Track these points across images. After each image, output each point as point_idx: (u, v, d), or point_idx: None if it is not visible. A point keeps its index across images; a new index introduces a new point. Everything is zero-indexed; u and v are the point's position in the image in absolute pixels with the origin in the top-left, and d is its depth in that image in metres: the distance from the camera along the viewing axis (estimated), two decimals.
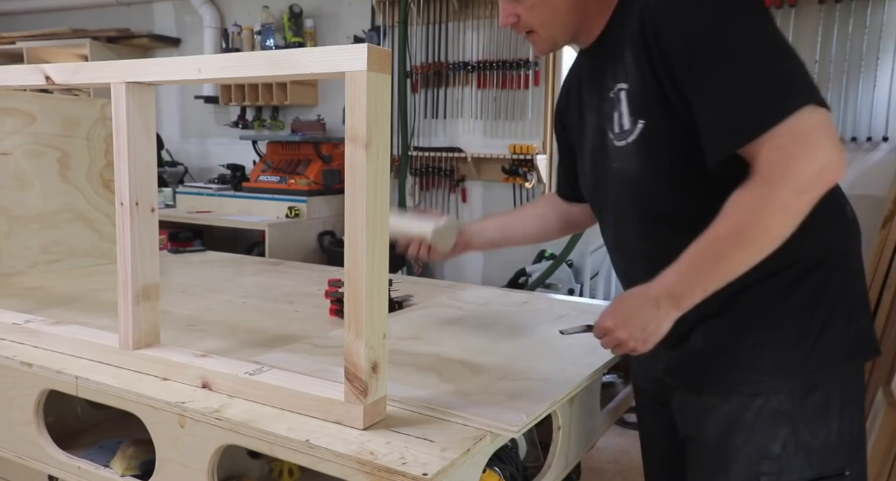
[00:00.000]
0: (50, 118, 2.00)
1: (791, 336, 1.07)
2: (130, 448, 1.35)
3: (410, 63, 4.09)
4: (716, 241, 0.98)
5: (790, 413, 1.07)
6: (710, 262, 0.98)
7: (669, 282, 1.02)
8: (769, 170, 0.94)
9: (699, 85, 0.99)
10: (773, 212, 0.94)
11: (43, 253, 2.02)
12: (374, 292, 0.94)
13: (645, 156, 1.09)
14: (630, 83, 1.08)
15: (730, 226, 0.97)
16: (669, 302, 1.01)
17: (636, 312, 1.04)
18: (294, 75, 0.98)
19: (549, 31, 1.16)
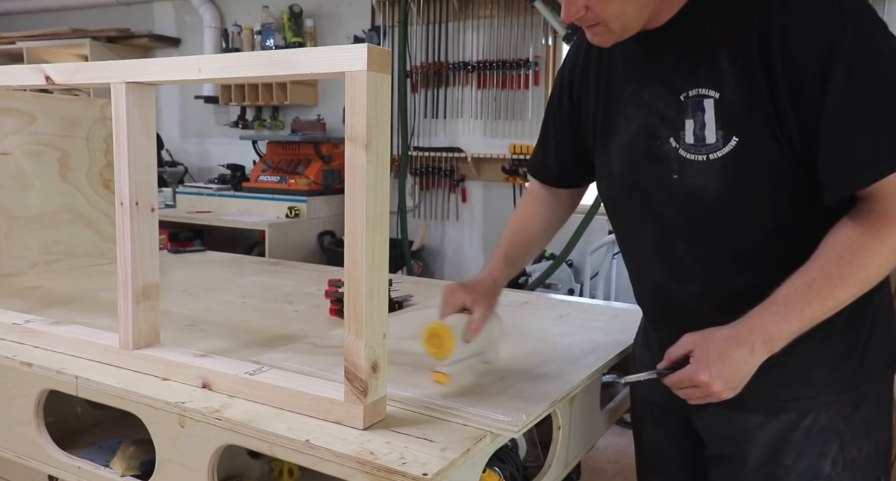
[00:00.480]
0: (50, 118, 2.00)
1: (840, 351, 1.03)
2: (130, 448, 1.35)
3: (410, 63, 4.09)
4: (824, 281, 0.90)
5: (840, 429, 1.03)
6: (814, 303, 0.90)
7: (766, 323, 0.92)
8: (894, 209, 0.88)
9: (832, 107, 0.88)
10: (891, 251, 0.89)
11: (43, 253, 2.02)
12: (374, 292, 0.94)
13: (733, 176, 0.97)
14: (724, 92, 0.95)
15: (842, 265, 0.89)
16: (765, 346, 0.92)
17: (730, 360, 0.92)
18: (294, 75, 0.98)
19: (622, 22, 0.98)
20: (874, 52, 0.88)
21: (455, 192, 4.21)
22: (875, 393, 1.06)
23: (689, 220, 1.04)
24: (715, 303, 1.06)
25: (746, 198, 0.98)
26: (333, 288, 1.62)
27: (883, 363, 1.07)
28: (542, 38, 3.84)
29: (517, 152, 3.89)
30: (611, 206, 1.20)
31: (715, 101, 0.96)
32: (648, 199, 1.08)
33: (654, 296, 1.19)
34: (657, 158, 1.04)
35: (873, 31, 0.89)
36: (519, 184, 3.95)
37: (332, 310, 1.61)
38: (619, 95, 1.11)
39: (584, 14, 0.98)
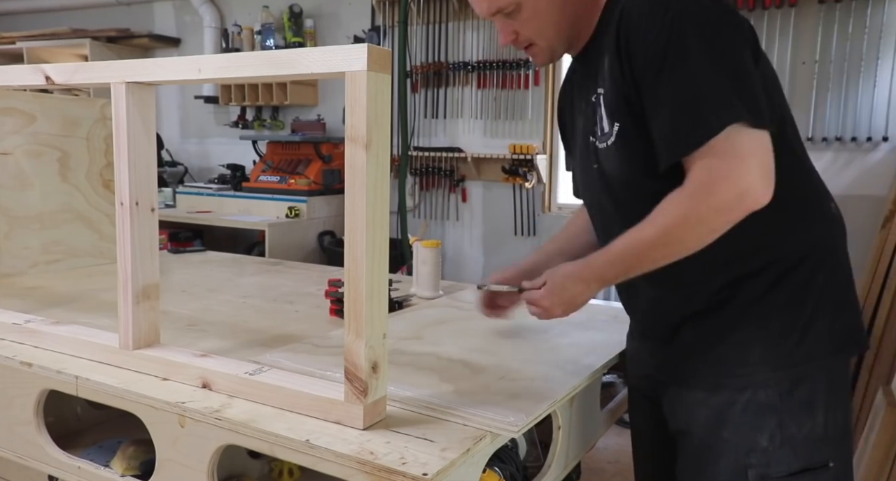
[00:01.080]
0: (50, 118, 2.00)
1: (777, 331, 1.10)
2: (130, 448, 1.35)
3: (410, 63, 4.09)
4: (640, 242, 1.06)
5: (777, 406, 1.09)
6: (632, 257, 1.08)
7: (600, 265, 1.12)
8: (695, 187, 1.01)
9: (650, 94, 1.05)
10: (691, 225, 1.02)
11: (43, 253, 2.02)
12: (374, 292, 0.94)
13: (621, 157, 1.14)
14: (605, 88, 1.13)
15: (653, 231, 1.05)
16: (598, 283, 1.14)
17: (569, 291, 1.15)
18: (294, 75, 0.98)
19: (546, 41, 1.20)
20: (682, 44, 1.02)
21: (455, 192, 4.21)
22: (819, 373, 1.11)
23: (610, 202, 1.22)
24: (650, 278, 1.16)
25: (638, 173, 1.13)
26: (333, 288, 1.62)
27: (830, 345, 1.11)
28: None
29: (517, 152, 3.89)
30: (587, 209, 1.36)
31: (603, 96, 1.15)
32: (592, 193, 1.28)
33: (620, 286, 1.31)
34: (589, 154, 1.22)
35: (688, 25, 1.02)
36: (519, 184, 3.95)
37: (332, 310, 1.61)
38: (575, 111, 1.30)
39: (517, 37, 1.21)
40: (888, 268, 2.91)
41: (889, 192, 3.03)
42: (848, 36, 3.07)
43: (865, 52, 3.05)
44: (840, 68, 3.10)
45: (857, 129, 3.09)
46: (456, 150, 4.11)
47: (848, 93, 3.10)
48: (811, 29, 3.14)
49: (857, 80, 3.08)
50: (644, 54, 1.04)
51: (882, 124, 3.06)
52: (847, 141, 3.11)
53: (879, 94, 3.05)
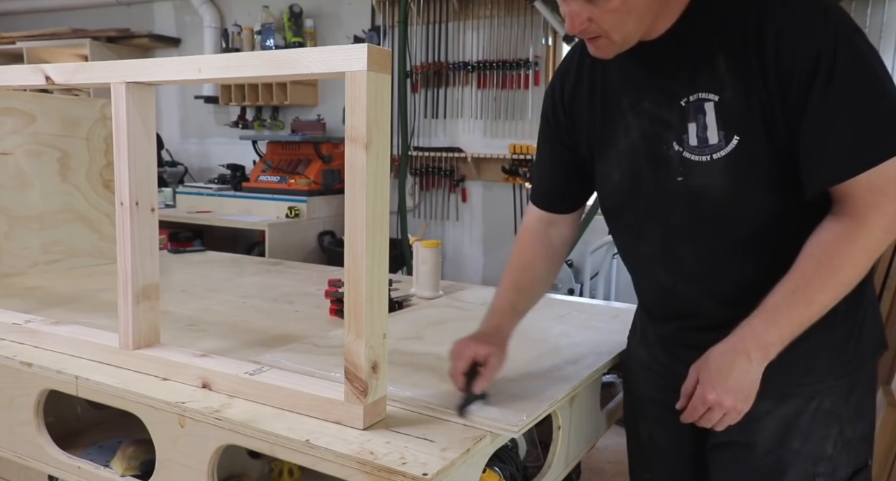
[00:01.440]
0: (50, 118, 2.00)
1: (841, 338, 1.08)
2: (130, 448, 1.35)
3: (410, 63, 4.09)
4: (805, 286, 0.96)
5: (840, 412, 1.09)
6: (799, 308, 0.96)
7: (758, 331, 0.98)
8: (864, 211, 0.94)
9: (814, 107, 0.94)
10: (864, 252, 0.95)
11: (43, 253, 2.02)
12: (374, 292, 0.94)
13: (736, 174, 1.01)
14: (723, 95, 1.00)
15: (821, 269, 0.95)
16: (760, 353, 0.98)
17: (731, 372, 0.99)
18: (294, 75, 0.98)
19: (623, 33, 1.02)
20: (854, 57, 0.93)
21: (455, 192, 4.21)
22: (865, 377, 1.12)
23: (694, 220, 1.08)
24: (721, 299, 1.11)
25: (749, 193, 1.02)
26: (333, 288, 1.62)
27: (871, 348, 1.12)
28: (542, 38, 3.84)
29: (517, 152, 3.89)
30: (613, 215, 1.22)
31: (715, 103, 1.01)
32: (652, 204, 1.12)
33: (661, 297, 1.21)
34: (661, 163, 1.08)
35: (853, 37, 0.94)
36: (519, 184, 3.95)
37: (332, 310, 1.61)
38: (616, 107, 1.14)
39: (588, 26, 1.02)
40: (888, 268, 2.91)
41: None
42: None
43: None
44: None
45: None
46: (456, 150, 4.11)
47: None
48: None
49: None
50: (806, 61, 0.93)
51: None
52: None
53: None
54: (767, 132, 0.98)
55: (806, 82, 0.94)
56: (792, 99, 0.95)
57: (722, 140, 1.01)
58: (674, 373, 1.17)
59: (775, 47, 0.95)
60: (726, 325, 1.03)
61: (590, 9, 1.00)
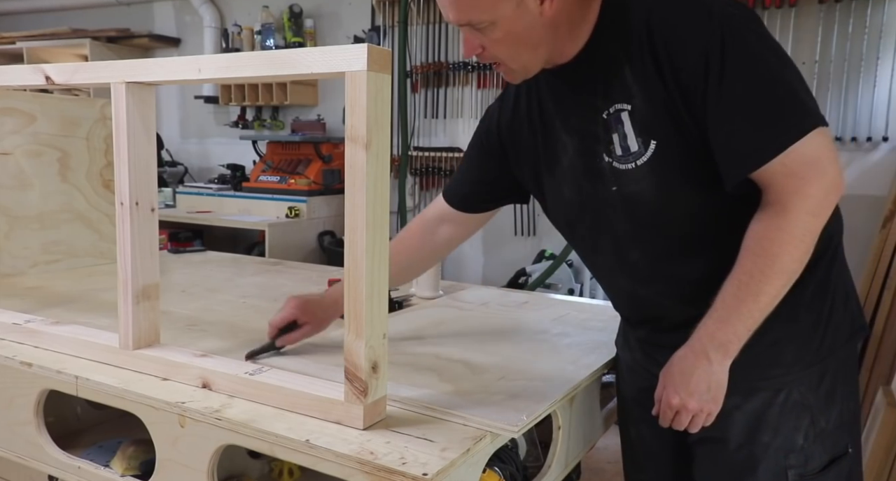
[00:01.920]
0: (50, 118, 2.00)
1: (807, 327, 1.09)
2: (130, 448, 1.35)
3: (410, 63, 4.09)
4: (748, 279, 0.98)
5: (809, 402, 1.09)
6: (748, 302, 0.98)
7: (712, 331, 1.01)
8: (786, 198, 0.96)
9: (713, 104, 0.97)
10: (795, 237, 0.96)
11: (43, 253, 2.02)
12: (374, 292, 0.94)
13: (660, 177, 1.05)
14: (634, 103, 1.04)
15: (759, 261, 0.97)
16: (719, 352, 1.00)
17: (692, 375, 1.02)
18: (294, 75, 0.98)
19: (520, 62, 1.09)
20: (744, 50, 0.96)
21: None
22: (837, 364, 1.12)
23: (635, 226, 1.12)
24: (679, 298, 1.14)
25: (676, 193, 1.06)
26: None
27: (844, 334, 1.12)
28: None
29: None
30: (568, 230, 1.26)
31: (629, 112, 1.05)
32: (598, 215, 1.16)
33: (627, 302, 1.26)
34: (597, 175, 1.12)
35: (742, 32, 0.97)
36: None
37: None
38: (552, 126, 1.19)
39: (482, 53, 1.08)
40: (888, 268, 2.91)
41: (889, 192, 3.03)
42: (848, 36, 3.07)
43: (865, 52, 3.05)
44: (840, 68, 3.10)
45: (857, 129, 3.09)
46: (456, 150, 4.11)
47: (848, 93, 3.10)
48: (811, 29, 3.14)
49: (857, 80, 3.08)
50: (697, 62, 0.96)
51: (882, 124, 3.06)
52: (847, 141, 3.11)
53: (879, 94, 3.05)
54: (680, 133, 1.01)
55: (700, 82, 0.97)
56: (692, 99, 0.99)
57: (641, 146, 1.05)
58: (651, 374, 1.20)
59: (666, 52, 0.99)
60: (693, 323, 1.06)
61: (480, 37, 1.05)
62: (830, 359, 1.10)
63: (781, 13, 3.17)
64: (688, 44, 0.98)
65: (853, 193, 3.12)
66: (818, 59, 3.12)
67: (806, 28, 3.15)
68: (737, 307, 0.99)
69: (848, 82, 3.09)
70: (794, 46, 3.17)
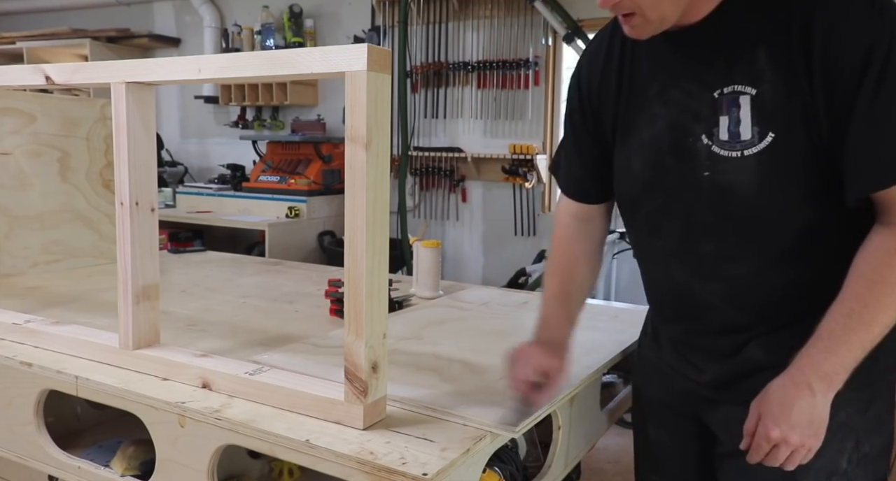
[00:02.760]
0: (50, 118, 2.00)
1: None
2: (130, 448, 1.35)
3: (410, 63, 4.09)
4: (862, 308, 0.91)
5: (857, 426, 1.03)
6: (859, 332, 0.91)
7: (818, 361, 0.93)
8: None
9: (863, 105, 0.88)
10: None
11: (43, 253, 2.02)
12: (374, 292, 0.94)
13: (769, 173, 0.95)
14: (762, 88, 0.94)
15: (875, 289, 0.90)
16: (823, 383, 0.93)
17: (793, 407, 0.93)
18: (294, 75, 0.98)
19: (659, 11, 0.95)
20: None
21: (455, 192, 4.21)
22: (887, 390, 1.07)
23: (718, 217, 1.02)
24: (736, 302, 1.06)
25: (780, 194, 0.97)
26: (333, 288, 1.62)
27: (892, 362, 1.06)
28: (542, 38, 3.84)
29: (517, 152, 3.89)
30: (630, 207, 1.16)
31: (751, 97, 0.95)
32: (673, 198, 1.06)
33: (672, 295, 1.16)
34: (686, 156, 1.02)
35: None
36: (519, 184, 3.95)
37: (332, 310, 1.61)
38: (642, 94, 1.08)
39: (621, 1, 0.95)
40: None
41: None
42: None
43: None
44: None
45: None
46: (456, 150, 4.11)
47: None
48: None
49: None
50: (857, 56, 0.87)
51: None
52: None
53: None
54: (807, 130, 0.92)
55: (856, 79, 0.88)
56: (839, 96, 0.89)
57: (755, 136, 0.95)
58: (685, 377, 1.15)
59: (824, 40, 0.89)
60: (735, 330, 1.01)
61: None
62: (882, 384, 1.05)
63: None
64: (852, 36, 0.88)
65: None
66: None
67: None
68: (846, 337, 0.91)
69: None
70: None
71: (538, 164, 3.84)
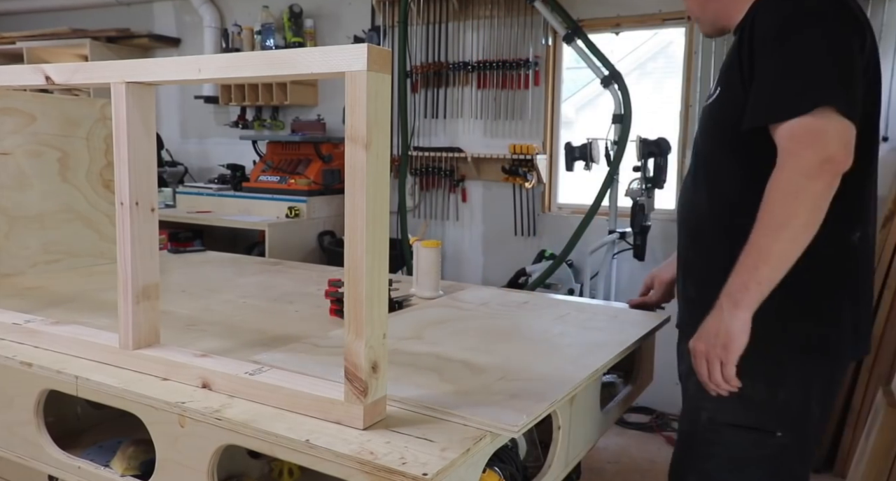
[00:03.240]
0: (50, 118, 2.00)
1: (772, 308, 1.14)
2: (130, 448, 1.35)
3: (410, 63, 4.09)
4: (755, 237, 1.08)
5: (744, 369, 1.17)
6: (752, 255, 1.09)
7: (727, 286, 1.12)
8: (784, 157, 1.07)
9: (756, 71, 1.14)
10: (791, 195, 1.05)
11: (43, 253, 2.02)
12: (374, 292, 0.94)
13: (711, 119, 1.28)
14: (726, 59, 1.29)
15: (763, 217, 1.07)
16: (728, 301, 1.12)
17: (706, 323, 1.16)
18: (294, 75, 0.98)
19: (701, 19, 1.40)
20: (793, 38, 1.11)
21: (455, 192, 4.21)
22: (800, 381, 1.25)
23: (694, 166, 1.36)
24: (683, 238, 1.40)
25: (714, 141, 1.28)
26: (333, 288, 1.62)
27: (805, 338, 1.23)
28: (542, 38, 3.84)
29: (517, 152, 3.88)
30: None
31: (723, 63, 1.30)
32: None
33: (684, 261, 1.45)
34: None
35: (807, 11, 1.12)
36: (519, 184, 3.94)
37: (332, 310, 1.61)
38: None
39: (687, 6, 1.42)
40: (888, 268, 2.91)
41: (889, 192, 3.02)
42: None
43: None
44: None
45: None
46: (456, 150, 4.11)
47: None
48: None
49: None
50: (759, 37, 1.14)
51: (882, 124, 3.06)
52: None
53: None
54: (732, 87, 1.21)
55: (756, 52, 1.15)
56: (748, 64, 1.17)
57: (714, 89, 1.30)
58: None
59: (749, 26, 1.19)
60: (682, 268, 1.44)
61: None
62: (793, 368, 1.23)
63: None
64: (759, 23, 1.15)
65: None
66: None
67: None
68: (744, 261, 1.09)
69: None
70: None
71: (538, 164, 3.83)
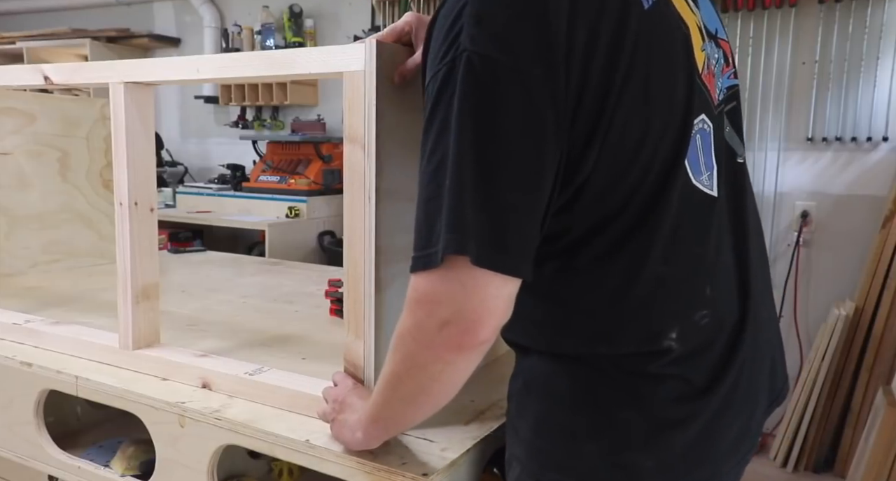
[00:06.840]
0: (50, 118, 2.00)
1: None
2: (130, 448, 1.35)
3: None
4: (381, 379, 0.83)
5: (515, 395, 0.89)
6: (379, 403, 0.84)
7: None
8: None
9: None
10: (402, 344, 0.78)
11: (43, 253, 2.02)
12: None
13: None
14: None
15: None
16: (360, 429, 0.88)
17: (346, 422, 0.90)
18: (293, 75, 0.98)
19: None
20: (449, 106, 0.70)
21: None
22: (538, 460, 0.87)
23: None
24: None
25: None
26: (333, 288, 1.62)
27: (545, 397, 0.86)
28: None
29: None
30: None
31: None
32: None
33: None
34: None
35: (464, 78, 0.68)
36: None
37: (332, 310, 1.61)
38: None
39: None
40: (888, 268, 2.91)
41: (889, 192, 3.02)
42: (848, 36, 3.06)
43: (865, 52, 3.04)
44: (840, 68, 3.09)
45: (857, 129, 3.08)
46: None
47: (848, 93, 3.10)
48: (811, 29, 3.13)
49: (857, 80, 3.08)
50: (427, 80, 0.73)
51: (882, 124, 3.06)
52: (847, 141, 3.11)
53: (879, 94, 3.05)
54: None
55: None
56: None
57: None
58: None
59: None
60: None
61: None
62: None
63: (781, 13, 3.17)
64: (429, 49, 0.76)
65: (853, 193, 3.12)
66: (818, 59, 3.12)
67: (806, 28, 3.15)
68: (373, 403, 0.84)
69: (848, 82, 3.09)
70: (794, 46, 3.17)
71: None
